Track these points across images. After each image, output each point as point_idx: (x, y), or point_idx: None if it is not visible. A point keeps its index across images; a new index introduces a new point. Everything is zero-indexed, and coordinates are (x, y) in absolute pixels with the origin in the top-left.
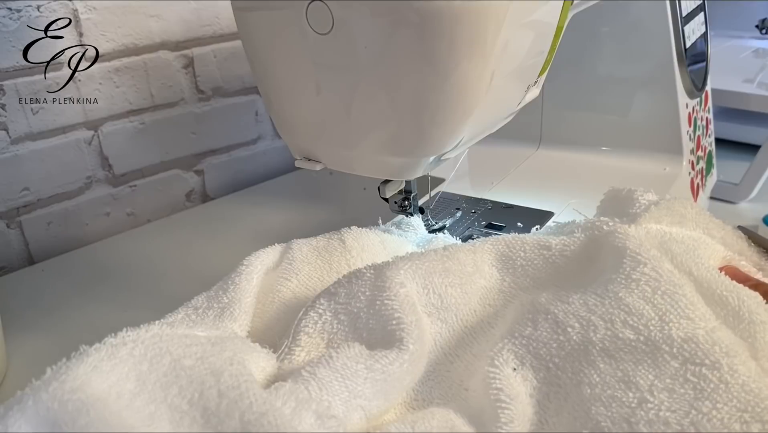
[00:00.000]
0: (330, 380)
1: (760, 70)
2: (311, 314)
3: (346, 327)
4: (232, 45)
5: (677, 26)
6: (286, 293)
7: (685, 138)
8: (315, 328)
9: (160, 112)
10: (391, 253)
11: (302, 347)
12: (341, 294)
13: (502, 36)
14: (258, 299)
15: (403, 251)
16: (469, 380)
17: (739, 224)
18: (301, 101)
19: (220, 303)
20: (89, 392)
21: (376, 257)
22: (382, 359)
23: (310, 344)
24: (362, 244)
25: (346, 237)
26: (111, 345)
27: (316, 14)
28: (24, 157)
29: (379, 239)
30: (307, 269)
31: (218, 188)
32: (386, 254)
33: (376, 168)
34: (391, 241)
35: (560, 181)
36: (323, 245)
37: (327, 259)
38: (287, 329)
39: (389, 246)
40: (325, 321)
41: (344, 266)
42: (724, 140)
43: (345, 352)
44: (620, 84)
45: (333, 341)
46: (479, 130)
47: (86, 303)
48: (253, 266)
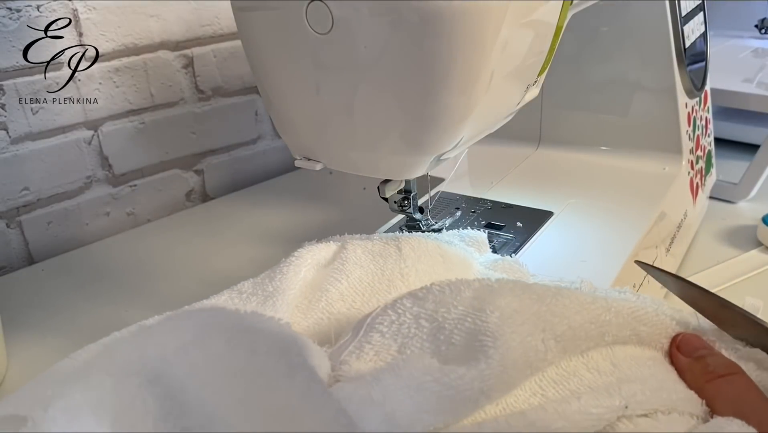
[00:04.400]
0: (395, 389)
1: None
2: (389, 312)
3: (424, 335)
4: (232, 45)
5: (677, 26)
6: (334, 294)
7: (685, 138)
8: (390, 328)
9: (159, 112)
10: (450, 268)
11: (373, 345)
12: (429, 300)
13: (501, 36)
14: (303, 293)
15: (465, 268)
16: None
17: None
18: (300, 101)
19: (264, 291)
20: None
21: (432, 270)
22: (452, 373)
23: (381, 344)
24: (419, 253)
25: (403, 244)
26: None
27: (316, 14)
28: (24, 157)
29: (439, 250)
30: (359, 272)
31: (218, 188)
32: (444, 268)
33: (375, 168)
34: (452, 255)
35: (560, 181)
36: (378, 249)
37: (380, 264)
38: (328, 330)
39: (449, 260)
40: (402, 323)
41: (397, 274)
42: (724, 140)
43: (414, 362)
44: (619, 84)
45: (406, 346)
46: (479, 129)
47: (86, 303)
48: (303, 259)
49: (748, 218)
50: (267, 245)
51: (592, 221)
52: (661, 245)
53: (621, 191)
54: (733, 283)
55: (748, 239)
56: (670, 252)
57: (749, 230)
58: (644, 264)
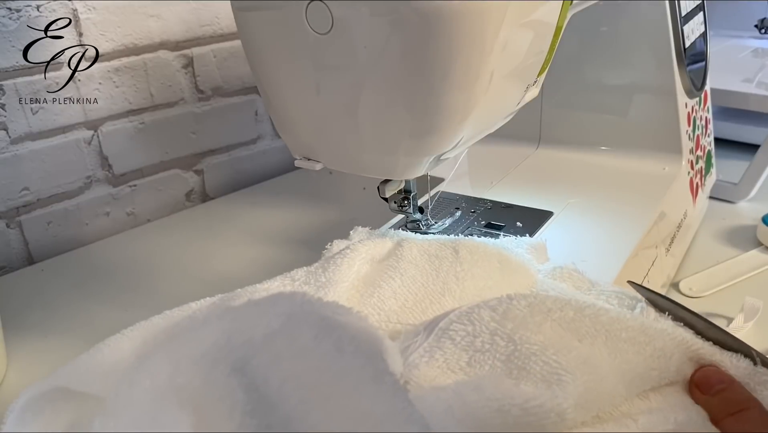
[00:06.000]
0: (476, 408)
1: (759, 69)
2: (465, 322)
3: (498, 353)
4: (232, 45)
5: (676, 26)
6: (386, 291)
7: (685, 137)
8: (464, 339)
9: (159, 112)
10: (508, 277)
11: (444, 352)
12: (508, 318)
13: (501, 36)
14: (355, 287)
15: (524, 276)
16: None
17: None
18: (300, 101)
19: (317, 281)
20: None
21: (489, 276)
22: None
23: (452, 352)
24: (477, 258)
25: (460, 247)
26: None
27: (316, 14)
28: (24, 157)
29: (498, 257)
30: (413, 271)
31: (218, 188)
32: (501, 276)
33: (375, 168)
34: (511, 262)
35: (559, 181)
36: (435, 250)
37: (436, 265)
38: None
39: (507, 267)
40: (477, 335)
41: (452, 277)
42: (724, 140)
43: (494, 382)
44: (619, 84)
45: (476, 360)
46: (478, 129)
47: (86, 303)
48: (358, 252)
49: (747, 217)
50: (267, 245)
51: (592, 221)
52: (660, 245)
53: (621, 191)
54: (733, 283)
55: (748, 239)
56: (669, 252)
57: (749, 230)
58: (637, 285)
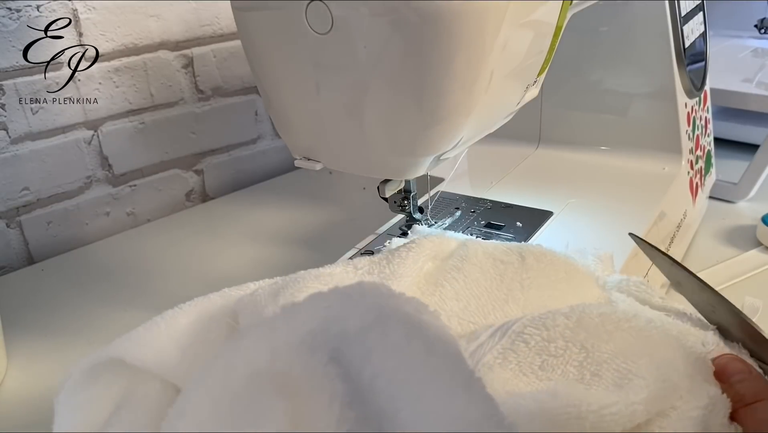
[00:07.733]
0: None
1: (759, 69)
2: (541, 327)
3: (570, 358)
4: (232, 45)
5: (676, 26)
6: (449, 291)
7: (684, 137)
8: (538, 343)
9: (159, 112)
10: (574, 287)
11: (517, 354)
12: (582, 326)
13: (501, 36)
14: (417, 283)
15: (589, 288)
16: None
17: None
18: (300, 101)
19: (381, 272)
20: None
21: (554, 286)
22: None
23: (526, 355)
24: (543, 265)
25: (527, 254)
26: None
27: (316, 14)
28: (24, 157)
29: (565, 267)
30: (476, 274)
31: (218, 188)
32: (567, 285)
33: (375, 168)
34: (578, 273)
35: (559, 181)
36: (500, 254)
37: (501, 270)
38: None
39: (573, 278)
40: (551, 341)
41: (516, 284)
42: (723, 140)
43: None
44: (619, 84)
45: (548, 364)
46: (478, 129)
47: (86, 303)
48: (423, 248)
49: (747, 217)
50: (267, 244)
51: (591, 220)
52: (660, 245)
53: (621, 191)
54: (732, 283)
55: (748, 239)
56: (669, 252)
57: (749, 230)
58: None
